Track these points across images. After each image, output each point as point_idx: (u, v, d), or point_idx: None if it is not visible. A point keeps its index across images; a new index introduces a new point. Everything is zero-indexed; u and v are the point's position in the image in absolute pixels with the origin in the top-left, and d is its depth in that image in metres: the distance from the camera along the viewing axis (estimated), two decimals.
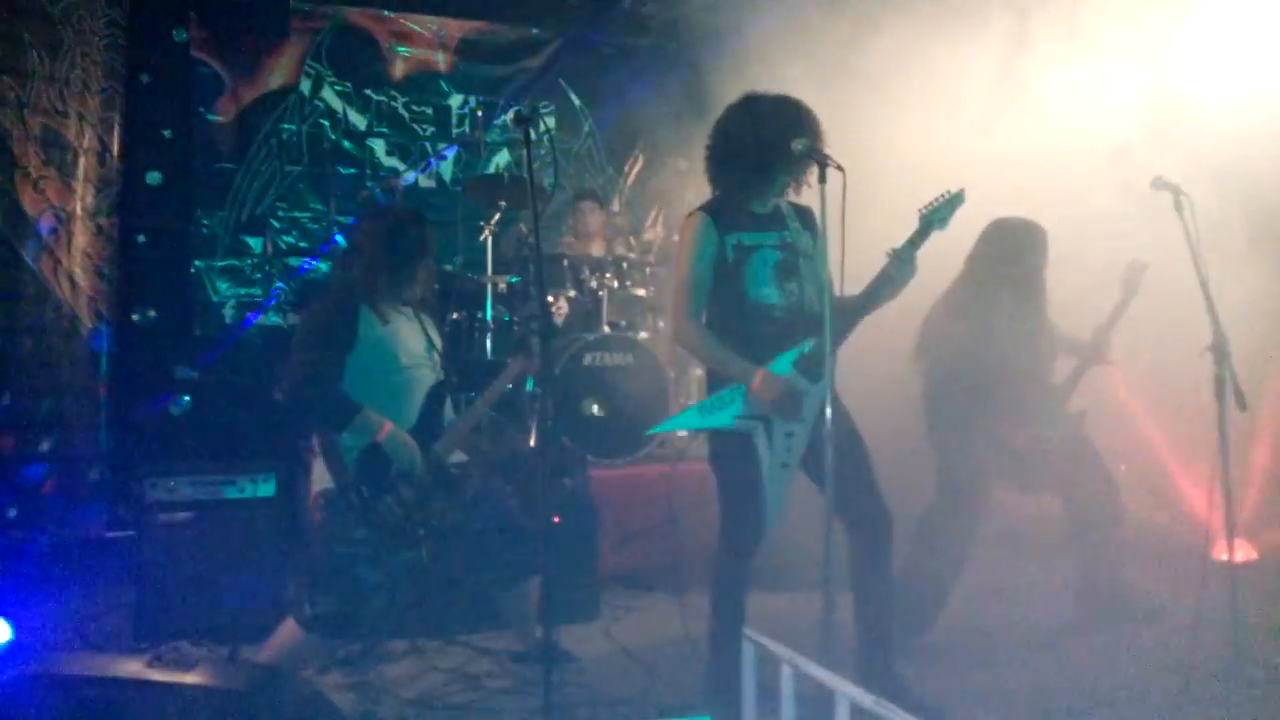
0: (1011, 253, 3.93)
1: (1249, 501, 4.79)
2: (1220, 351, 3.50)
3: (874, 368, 3.78)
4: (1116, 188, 4.48)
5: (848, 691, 2.13)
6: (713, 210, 3.16)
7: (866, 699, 2.09)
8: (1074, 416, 3.97)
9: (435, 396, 3.39)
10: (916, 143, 4.60)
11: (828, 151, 2.87)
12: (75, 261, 5.64)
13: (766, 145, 3.05)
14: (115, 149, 5.83)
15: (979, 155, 4.49)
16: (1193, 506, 4.73)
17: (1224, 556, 3.57)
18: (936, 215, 3.06)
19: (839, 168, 2.78)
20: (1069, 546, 4.12)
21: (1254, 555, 4.69)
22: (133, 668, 2.57)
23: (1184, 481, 4.97)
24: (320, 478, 3.25)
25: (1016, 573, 4.42)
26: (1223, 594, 3.42)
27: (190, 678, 2.53)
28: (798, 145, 2.91)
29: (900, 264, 3.03)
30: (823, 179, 2.78)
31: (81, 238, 5.67)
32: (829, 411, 2.76)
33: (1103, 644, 3.76)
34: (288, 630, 3.22)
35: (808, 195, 3.17)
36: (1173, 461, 5.08)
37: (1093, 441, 4.01)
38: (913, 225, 3.09)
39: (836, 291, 2.89)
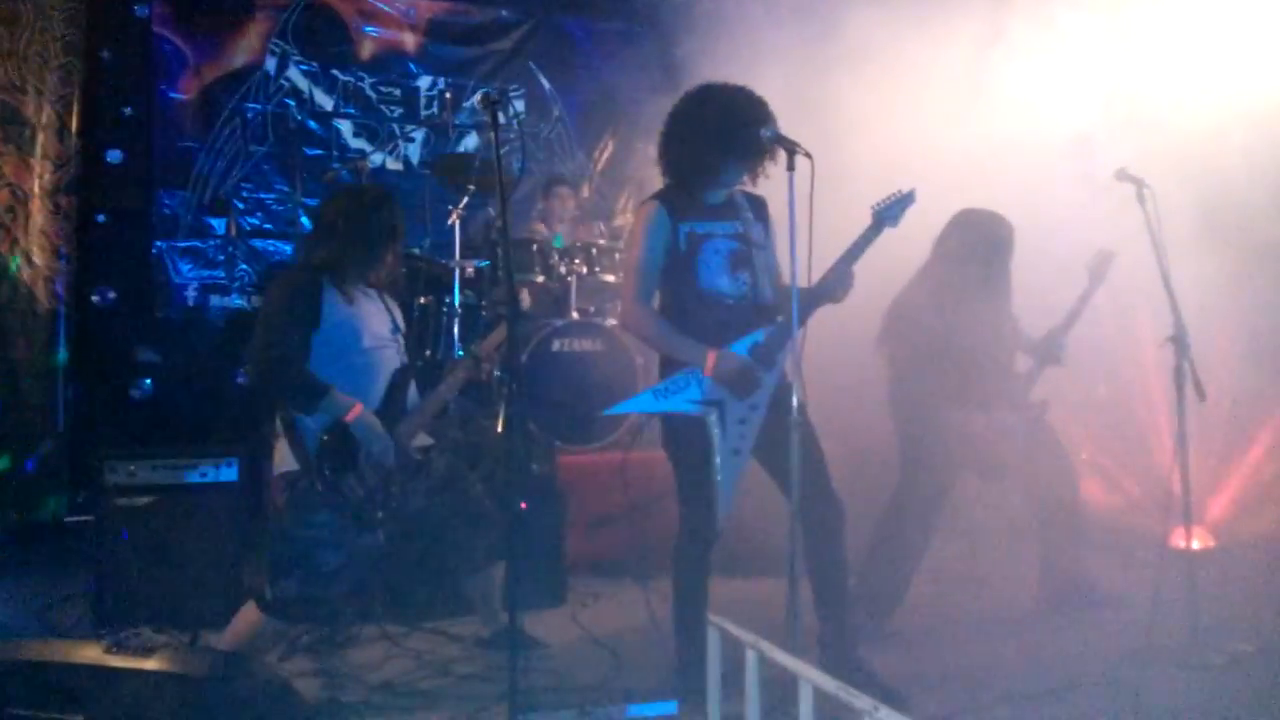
0: (978, 241, 3.95)
1: (1206, 490, 4.86)
2: (1181, 342, 3.56)
3: (839, 356, 3.79)
4: (1078, 179, 4.52)
5: (811, 676, 2.14)
6: (666, 198, 3.15)
7: (830, 684, 2.10)
8: (1036, 405, 4.01)
9: (400, 379, 3.37)
10: (888, 130, 4.61)
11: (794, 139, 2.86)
12: (33, 240, 5.54)
13: (720, 135, 3.04)
14: (74, 126, 5.72)
15: (949, 144, 4.52)
16: (1151, 495, 4.80)
17: (1182, 544, 3.63)
18: (888, 213, 3.09)
19: (807, 155, 2.78)
20: (1030, 533, 4.17)
21: (1211, 543, 4.77)
22: (92, 653, 2.54)
23: (1143, 470, 5.04)
24: (282, 461, 3.22)
25: (979, 559, 4.47)
26: (1181, 581, 3.49)
27: (150, 663, 2.51)
28: (765, 133, 2.91)
29: (851, 260, 3.06)
30: (791, 166, 2.78)
31: (39, 216, 5.57)
32: (794, 400, 2.77)
33: (1064, 629, 3.81)
34: (249, 615, 3.19)
35: (766, 186, 3.17)
36: (1132, 450, 5.15)
37: (1054, 430, 4.06)
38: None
39: (802, 281, 2.89)
